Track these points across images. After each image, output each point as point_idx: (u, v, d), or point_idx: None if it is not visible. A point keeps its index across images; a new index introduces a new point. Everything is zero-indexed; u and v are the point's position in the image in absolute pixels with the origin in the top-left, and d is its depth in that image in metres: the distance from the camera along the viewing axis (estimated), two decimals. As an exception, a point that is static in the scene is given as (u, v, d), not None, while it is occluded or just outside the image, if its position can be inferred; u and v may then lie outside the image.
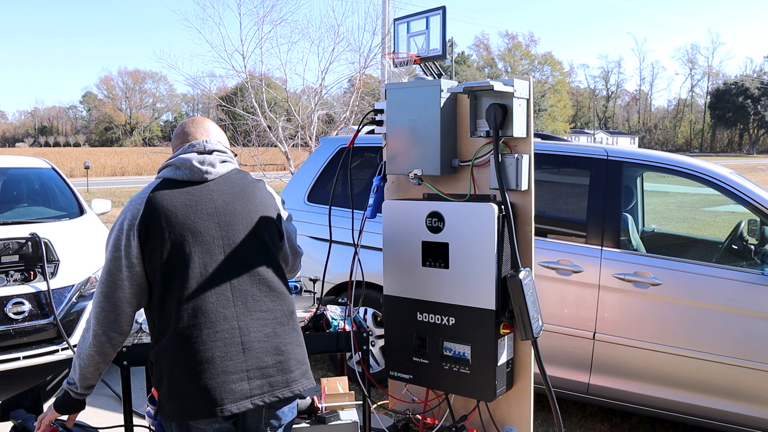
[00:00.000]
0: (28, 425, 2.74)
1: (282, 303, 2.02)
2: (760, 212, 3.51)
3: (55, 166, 6.08)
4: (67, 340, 4.34)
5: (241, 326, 1.92)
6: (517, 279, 2.37)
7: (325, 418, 2.92)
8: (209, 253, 1.94)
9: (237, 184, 2.08)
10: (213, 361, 1.86)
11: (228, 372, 1.87)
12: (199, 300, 1.89)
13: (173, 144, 2.16)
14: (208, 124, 2.19)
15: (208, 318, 1.88)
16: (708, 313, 3.40)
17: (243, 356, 1.90)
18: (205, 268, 1.92)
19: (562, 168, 4.08)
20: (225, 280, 1.94)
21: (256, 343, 1.92)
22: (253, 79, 12.91)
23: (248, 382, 1.89)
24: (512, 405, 2.66)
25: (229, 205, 2.02)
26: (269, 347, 1.95)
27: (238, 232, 2.00)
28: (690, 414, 3.51)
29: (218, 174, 2.05)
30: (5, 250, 4.42)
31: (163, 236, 1.92)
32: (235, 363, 1.88)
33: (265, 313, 1.97)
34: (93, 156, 39.45)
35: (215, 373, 1.86)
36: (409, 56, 2.75)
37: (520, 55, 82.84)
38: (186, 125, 2.17)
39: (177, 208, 1.95)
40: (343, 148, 4.69)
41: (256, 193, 2.10)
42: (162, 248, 1.91)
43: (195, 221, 1.95)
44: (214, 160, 2.05)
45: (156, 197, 1.97)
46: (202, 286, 1.91)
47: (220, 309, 1.90)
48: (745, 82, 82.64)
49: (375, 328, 4.27)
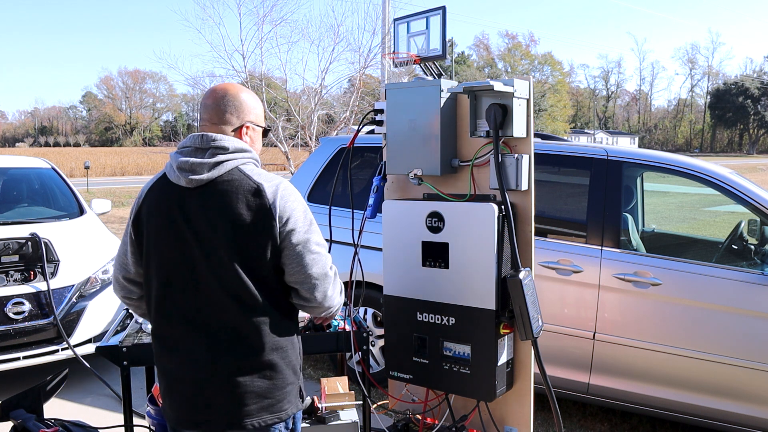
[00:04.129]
0: (28, 425, 2.74)
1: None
2: (760, 212, 3.51)
3: (55, 166, 6.08)
4: (67, 340, 4.34)
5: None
6: (517, 279, 2.37)
7: (325, 418, 2.92)
8: (174, 269, 1.87)
9: (221, 195, 1.81)
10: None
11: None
12: (158, 322, 1.91)
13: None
14: (219, 100, 1.91)
15: (165, 343, 1.90)
16: (708, 313, 3.40)
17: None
18: (167, 285, 1.87)
19: (562, 168, 4.08)
20: (177, 305, 1.86)
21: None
22: (253, 79, 12.90)
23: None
24: (512, 405, 2.66)
25: (200, 220, 1.81)
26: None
27: (204, 255, 1.81)
28: (690, 414, 3.51)
29: (203, 181, 1.82)
30: (5, 250, 4.42)
31: (148, 236, 1.90)
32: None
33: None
34: (93, 156, 39.46)
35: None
36: (409, 56, 2.75)
37: (520, 55, 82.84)
38: (203, 100, 1.95)
39: (158, 210, 1.88)
40: (343, 148, 4.69)
41: (237, 211, 1.80)
42: (146, 246, 1.91)
43: (166, 231, 1.86)
44: (202, 163, 1.82)
45: (148, 195, 1.92)
46: (162, 304, 1.89)
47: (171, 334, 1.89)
48: (745, 82, 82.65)
49: (375, 328, 4.27)
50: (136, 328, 2.83)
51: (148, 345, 2.70)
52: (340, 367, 3.37)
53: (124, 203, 19.40)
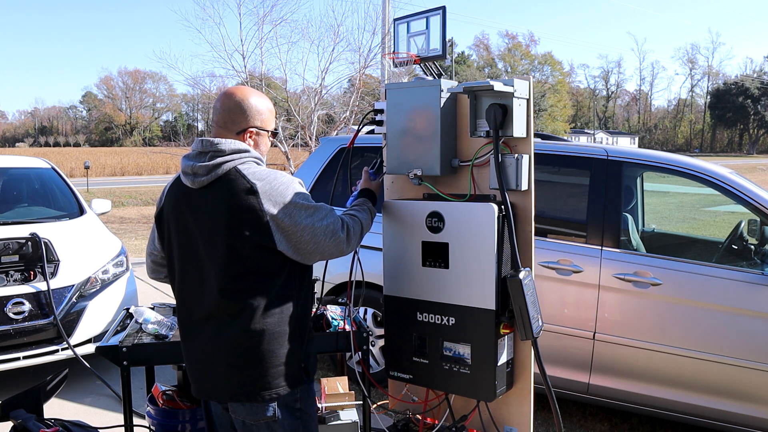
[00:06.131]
0: (28, 425, 2.74)
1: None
2: (760, 212, 3.51)
3: (55, 166, 6.08)
4: (67, 340, 4.34)
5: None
6: (517, 279, 2.37)
7: (325, 418, 2.93)
8: (187, 262, 2.09)
9: (219, 195, 1.97)
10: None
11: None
12: (178, 308, 2.16)
13: None
14: (226, 104, 2.05)
15: (183, 327, 2.15)
16: (708, 313, 3.40)
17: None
18: (182, 276, 2.11)
19: (562, 168, 4.08)
20: (190, 289, 2.10)
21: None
22: (253, 79, 12.91)
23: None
24: (512, 405, 2.66)
25: (199, 219, 2.01)
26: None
27: (205, 250, 2.01)
28: (690, 414, 3.51)
29: (204, 183, 1.99)
30: (5, 250, 4.42)
31: (168, 233, 2.14)
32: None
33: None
34: (93, 156, 39.44)
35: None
36: (409, 56, 2.75)
37: (520, 55, 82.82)
38: (214, 103, 2.10)
39: (175, 209, 2.09)
40: (343, 148, 4.69)
41: (231, 210, 1.95)
42: (168, 241, 2.15)
43: (180, 228, 2.08)
44: (203, 166, 1.97)
45: (168, 194, 2.13)
46: (180, 293, 2.14)
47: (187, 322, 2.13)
48: (745, 82, 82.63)
49: (375, 328, 4.27)
50: (136, 328, 2.83)
51: (148, 345, 2.70)
52: (340, 367, 3.38)
53: (124, 203, 19.40)
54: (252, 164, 2.03)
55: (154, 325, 2.81)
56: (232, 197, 1.95)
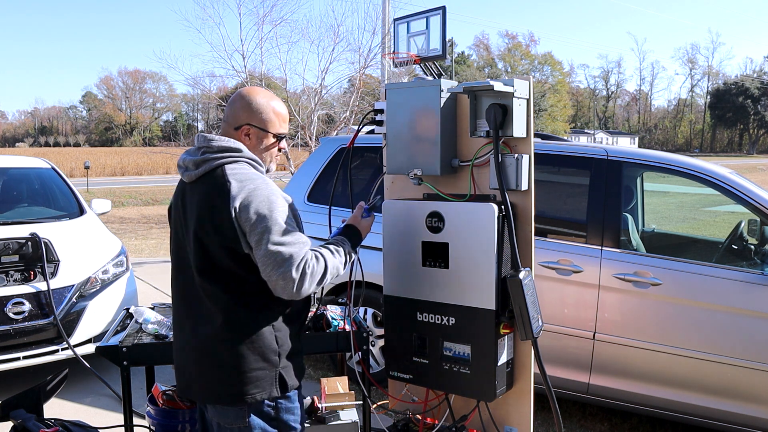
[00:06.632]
0: (28, 425, 2.74)
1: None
2: (760, 212, 3.51)
3: (55, 166, 6.08)
4: (67, 340, 4.34)
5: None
6: (517, 279, 2.37)
7: (325, 418, 2.93)
8: (177, 256, 2.14)
9: (201, 191, 1.98)
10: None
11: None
12: (171, 297, 2.20)
13: None
14: (232, 101, 2.09)
15: (174, 318, 2.19)
16: (708, 313, 3.40)
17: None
18: (175, 270, 2.16)
19: (562, 168, 4.08)
20: (177, 283, 2.15)
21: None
22: (253, 79, 12.89)
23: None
24: (512, 405, 2.66)
25: (187, 213, 2.04)
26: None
27: (187, 245, 2.05)
28: (690, 414, 3.50)
29: (192, 177, 2.02)
30: (5, 250, 4.42)
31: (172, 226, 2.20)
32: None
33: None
34: (93, 156, 39.43)
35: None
36: (409, 56, 2.75)
37: (520, 55, 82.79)
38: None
39: (175, 202, 2.15)
40: (343, 148, 4.69)
41: (205, 208, 1.95)
42: (170, 236, 2.22)
43: (177, 220, 2.12)
44: (192, 161, 2.02)
45: (177, 187, 2.18)
46: (172, 288, 2.18)
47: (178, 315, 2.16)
48: (745, 82, 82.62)
49: (375, 328, 4.27)
50: (136, 328, 2.83)
51: (148, 345, 2.70)
52: (340, 367, 3.38)
53: (124, 203, 19.40)
54: (243, 165, 1.99)
55: (154, 325, 2.81)
56: (208, 195, 1.95)
